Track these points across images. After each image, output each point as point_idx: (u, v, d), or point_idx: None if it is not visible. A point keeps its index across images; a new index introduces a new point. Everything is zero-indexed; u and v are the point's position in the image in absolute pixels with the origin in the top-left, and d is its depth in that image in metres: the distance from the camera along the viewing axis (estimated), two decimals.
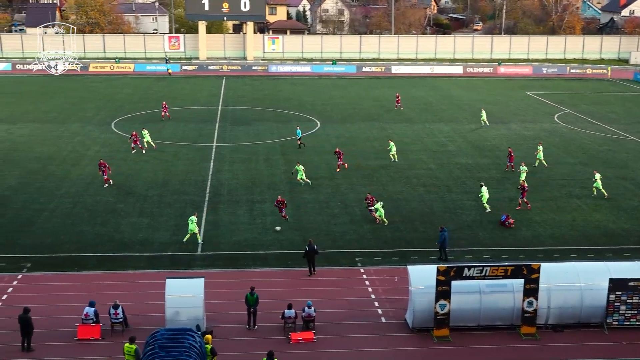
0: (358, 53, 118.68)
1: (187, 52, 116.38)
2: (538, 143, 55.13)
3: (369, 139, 61.10)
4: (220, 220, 40.51)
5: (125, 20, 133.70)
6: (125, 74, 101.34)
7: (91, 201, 43.41)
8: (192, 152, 55.71)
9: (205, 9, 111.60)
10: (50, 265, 34.19)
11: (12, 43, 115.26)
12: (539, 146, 53.58)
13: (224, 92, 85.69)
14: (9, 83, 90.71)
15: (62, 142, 58.32)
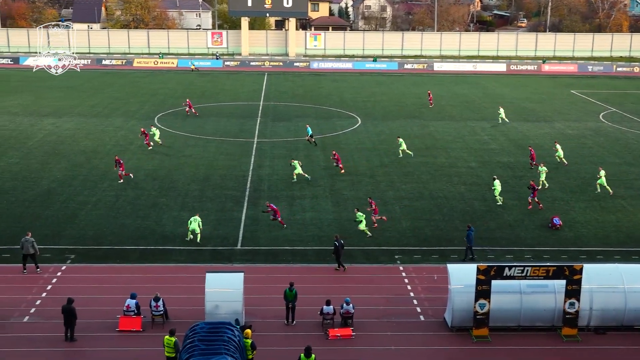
0: (400, 50, 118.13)
1: (230, 48, 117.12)
2: (555, 142, 54.69)
3: (409, 136, 60.77)
4: (260, 216, 40.69)
5: (170, 16, 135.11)
6: (168, 69, 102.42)
7: (133, 194, 43.99)
8: (233, 148, 56.07)
9: (248, 5, 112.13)
10: (94, 257, 34.74)
11: (58, 37, 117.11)
12: (557, 145, 53.16)
13: (265, 88, 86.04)
14: (55, 77, 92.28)
15: (106, 136, 59.20)
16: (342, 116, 69.15)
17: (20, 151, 53.57)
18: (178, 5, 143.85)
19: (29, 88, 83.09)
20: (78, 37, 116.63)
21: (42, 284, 31.57)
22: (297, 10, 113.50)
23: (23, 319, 28.68)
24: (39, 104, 72.58)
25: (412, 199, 44.17)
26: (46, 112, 68.53)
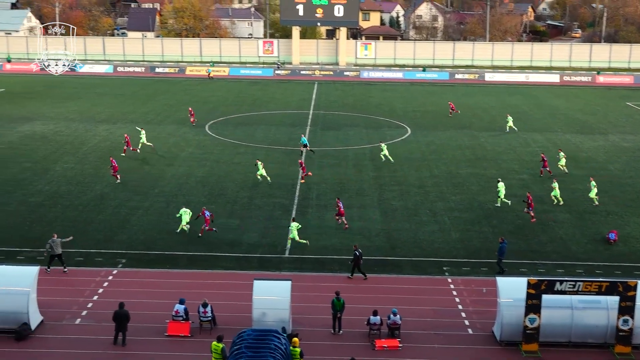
0: (451, 60, 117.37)
1: (281, 57, 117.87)
2: (558, 150, 54.74)
3: (460, 147, 60.29)
4: (308, 224, 40.79)
5: (222, 25, 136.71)
6: (220, 78, 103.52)
7: (184, 201, 44.49)
8: (283, 156, 56.37)
9: (300, 15, 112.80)
10: (144, 262, 35.25)
11: (114, 46, 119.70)
12: (560, 153, 53.24)
13: (315, 97, 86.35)
14: (110, 85, 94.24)
15: (159, 142, 60.05)
16: (391, 126, 68.98)
17: (75, 156, 54.73)
18: (230, 14, 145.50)
19: (85, 95, 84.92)
20: (133, 45, 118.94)
21: (94, 287, 32.16)
22: (349, 20, 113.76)
23: (75, 321, 29.24)
24: (94, 111, 74.09)
25: (461, 210, 43.77)
26: (101, 118, 69.93)
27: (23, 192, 45.91)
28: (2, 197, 44.63)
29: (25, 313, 27.90)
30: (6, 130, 63.62)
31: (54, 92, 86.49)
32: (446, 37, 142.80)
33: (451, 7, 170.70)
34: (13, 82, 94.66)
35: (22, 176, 49.31)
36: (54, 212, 42.08)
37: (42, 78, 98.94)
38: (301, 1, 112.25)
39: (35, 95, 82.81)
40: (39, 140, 60.06)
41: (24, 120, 67.84)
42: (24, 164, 52.26)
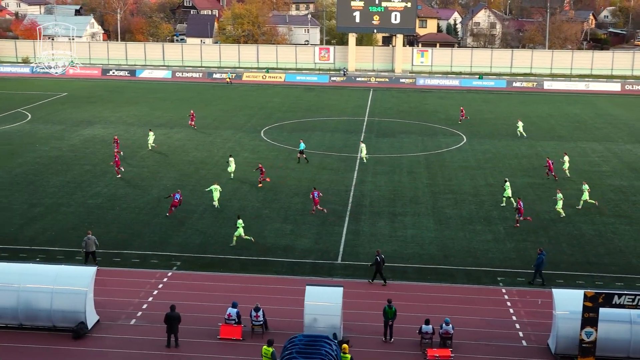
0: (509, 67, 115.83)
1: (337, 64, 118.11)
2: (564, 153, 54.79)
3: (516, 155, 59.41)
4: (361, 231, 40.73)
5: (279, 31, 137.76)
6: (276, 84, 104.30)
7: (238, 205, 44.92)
8: (337, 162, 56.41)
9: (356, 22, 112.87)
10: (198, 265, 35.67)
11: (173, 52, 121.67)
12: (565, 157, 53.49)
13: (370, 104, 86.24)
14: (169, 90, 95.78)
15: (215, 147, 60.78)
16: (446, 134, 68.39)
17: (134, 160, 55.76)
18: (287, 21, 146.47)
19: (143, 99, 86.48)
20: (191, 50, 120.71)
21: (149, 289, 32.67)
22: (405, 27, 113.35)
23: (130, 321, 29.75)
24: (153, 115, 75.38)
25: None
26: (159, 122, 71.09)
27: (83, 193, 46.98)
28: (63, 199, 45.75)
29: (82, 312, 28.52)
30: (69, 133, 65.22)
31: (114, 96, 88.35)
32: (504, 44, 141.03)
33: (510, 14, 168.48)
34: (76, 86, 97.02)
35: (82, 178, 50.48)
36: (111, 214, 42.93)
37: (104, 83, 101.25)
38: (358, 8, 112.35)
39: (96, 100, 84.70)
40: (99, 143, 61.39)
41: (86, 123, 69.44)
42: (84, 167, 53.49)
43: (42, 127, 66.95)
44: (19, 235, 39.29)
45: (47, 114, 75.06)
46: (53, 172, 51.99)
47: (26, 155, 56.76)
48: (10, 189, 47.37)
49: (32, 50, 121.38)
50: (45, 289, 28.63)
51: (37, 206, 44.15)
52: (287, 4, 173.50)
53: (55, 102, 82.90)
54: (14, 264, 30.61)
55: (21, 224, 41.02)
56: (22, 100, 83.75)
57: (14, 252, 36.54)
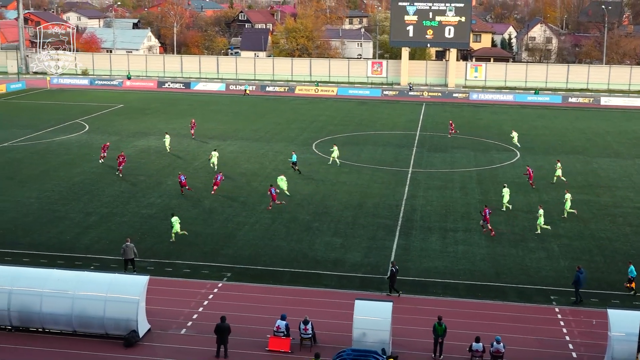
0: (565, 83, 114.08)
1: (389, 78, 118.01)
2: (556, 161, 56.46)
3: (571, 172, 58.35)
4: (411, 246, 40.49)
5: (332, 45, 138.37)
6: (328, 97, 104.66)
7: (288, 218, 45.11)
8: (388, 176, 56.24)
9: (409, 36, 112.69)
10: (249, 276, 35.90)
11: (227, 65, 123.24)
12: (558, 163, 55.26)
13: (422, 118, 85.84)
14: (223, 102, 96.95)
15: (266, 159, 61.22)
16: (500, 149, 67.60)
17: (187, 171, 56.45)
18: (341, 35, 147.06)
19: (197, 112, 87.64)
20: (245, 64, 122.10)
21: (199, 299, 33.00)
22: (459, 41, 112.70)
23: (180, 331, 30.08)
24: (206, 127, 76.32)
25: (571, 238, 42.29)
26: (212, 135, 71.95)
27: (137, 204, 47.80)
28: (118, 208, 46.62)
29: (134, 321, 28.95)
30: (124, 144, 66.48)
31: (169, 108, 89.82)
32: (560, 59, 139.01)
33: (566, 29, 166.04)
34: (132, 98, 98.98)
35: (136, 188, 51.37)
36: (164, 224, 43.53)
37: (159, 95, 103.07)
38: (411, 22, 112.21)
39: (151, 112, 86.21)
40: (153, 154, 62.41)
41: (141, 135, 70.72)
42: (139, 177, 54.43)
43: (99, 137, 68.39)
44: (75, 243, 40.16)
45: (103, 124, 76.70)
46: (108, 182, 53.04)
47: (83, 165, 58.05)
48: (68, 198, 48.48)
49: (91, 63, 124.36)
50: (99, 297, 29.16)
51: (93, 215, 45.07)
52: (340, 19, 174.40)
53: (111, 114, 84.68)
54: (70, 272, 31.26)
55: (77, 232, 41.92)
56: (80, 111, 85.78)
57: (70, 260, 37.35)
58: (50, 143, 66.68)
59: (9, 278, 29.97)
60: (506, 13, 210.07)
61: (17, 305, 29.38)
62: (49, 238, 40.89)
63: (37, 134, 70.76)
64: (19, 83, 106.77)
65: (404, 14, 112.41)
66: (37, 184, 52.02)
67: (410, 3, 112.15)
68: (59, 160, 59.54)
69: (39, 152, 62.60)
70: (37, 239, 40.75)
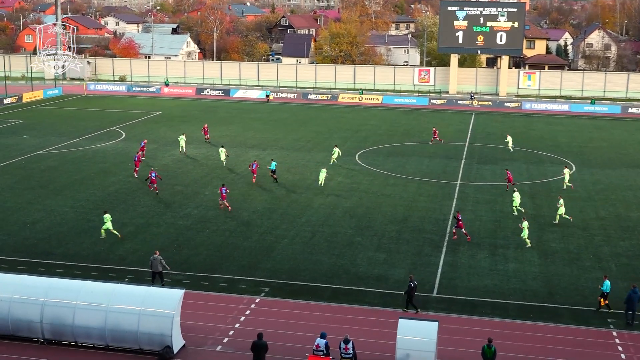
0: (624, 92, 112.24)
1: (437, 86, 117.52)
2: (564, 167, 58.92)
3: (631, 187, 57.25)
4: (458, 263, 40.07)
5: (377, 51, 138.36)
6: (372, 106, 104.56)
7: (330, 232, 45.05)
8: (435, 189, 55.85)
9: (459, 42, 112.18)
10: (287, 292, 35.88)
11: (268, 72, 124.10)
12: (565, 169, 57.39)
13: (472, 129, 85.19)
14: (263, 110, 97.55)
15: (307, 170, 61.32)
16: (554, 162, 66.67)
17: (225, 181, 56.77)
18: (387, 41, 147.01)
19: (236, 120, 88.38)
20: (287, 70, 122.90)
21: (236, 315, 33.08)
22: (511, 48, 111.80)
23: (216, 348, 30.16)
24: (245, 136, 76.86)
25: (631, 257, 41.41)
26: (251, 144, 72.39)
27: (173, 214, 48.24)
28: (153, 219, 47.11)
29: (168, 336, 29.11)
30: (162, 152, 67.26)
31: (208, 116, 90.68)
32: (619, 67, 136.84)
33: (626, 35, 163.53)
34: (170, 105, 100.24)
35: (173, 199, 51.86)
36: (201, 236, 43.85)
37: (198, 102, 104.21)
38: (461, 28, 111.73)
39: (190, 119, 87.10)
40: (190, 163, 63.00)
41: (178, 143, 71.35)
42: (175, 187, 54.95)
43: (136, 146, 69.25)
44: (109, 254, 40.65)
45: (140, 132, 77.74)
46: (145, 192, 53.63)
47: (119, 173, 58.84)
48: (103, 207, 49.08)
49: (128, 69, 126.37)
50: (133, 310, 29.41)
51: (128, 225, 45.60)
52: (386, 24, 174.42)
53: (149, 121, 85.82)
54: (103, 284, 31.61)
55: (112, 242, 42.43)
56: (117, 118, 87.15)
57: (104, 272, 37.80)
58: (86, 151, 67.81)
59: (42, 289, 30.43)
60: (562, 18, 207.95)
61: (50, 317, 29.80)
62: (83, 248, 41.48)
63: (73, 142, 72.04)
64: (56, 89, 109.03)
65: (453, 19, 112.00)
66: (72, 193, 52.88)
67: (460, 8, 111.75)
68: (94, 168, 60.48)
69: (74, 160, 63.67)
70: (71, 249, 41.37)
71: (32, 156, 65.08)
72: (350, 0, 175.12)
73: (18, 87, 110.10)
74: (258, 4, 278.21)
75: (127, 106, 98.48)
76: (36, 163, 62.39)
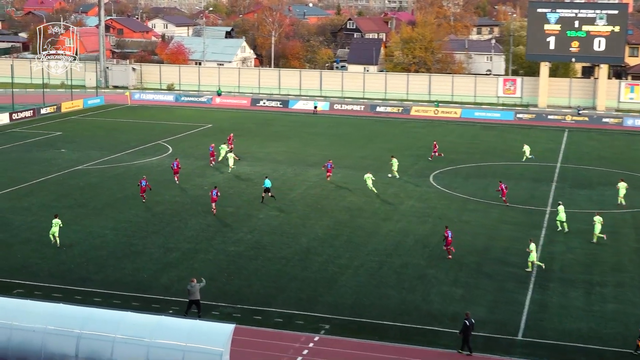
0: None
1: (524, 98, 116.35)
2: (620, 180, 60.38)
3: None
4: (548, 302, 39.40)
5: (456, 59, 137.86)
6: (449, 120, 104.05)
7: (399, 262, 44.82)
8: (521, 216, 55.15)
9: (550, 48, 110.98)
10: (350, 330, 35.76)
11: (331, 80, 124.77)
12: (620, 183, 59.26)
13: (564, 147, 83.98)
14: (324, 123, 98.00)
15: (375, 192, 61.17)
16: None
17: (282, 203, 57.19)
18: (467, 47, 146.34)
19: (294, 134, 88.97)
20: (353, 79, 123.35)
21: (292, 355, 33.10)
22: (611, 56, 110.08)
23: None
24: (305, 152, 77.26)
25: None
26: (311, 161, 72.66)
27: (223, 239, 48.70)
28: (202, 244, 47.63)
29: None
30: (212, 170, 68.08)
31: (263, 129, 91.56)
32: None
33: None
34: (222, 117, 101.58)
35: (223, 222, 52.38)
36: (254, 264, 44.12)
37: (253, 114, 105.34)
38: (553, 32, 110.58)
39: (243, 133, 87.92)
40: (243, 182, 63.59)
41: (221, 154, 72.09)
42: (226, 209, 55.50)
43: (184, 162, 70.18)
44: (152, 282, 41.24)
45: (189, 147, 78.92)
46: (192, 213, 54.33)
47: (165, 193, 59.75)
48: (147, 230, 49.91)
49: (177, 76, 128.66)
50: (178, 346, 29.64)
51: (174, 251, 46.21)
52: (466, 27, 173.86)
53: (198, 135, 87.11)
54: (146, 315, 32.01)
55: (156, 269, 43.05)
56: (163, 131, 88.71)
57: (147, 302, 38.32)
58: (129, 167, 69.13)
59: (78, 320, 30.96)
60: None
61: (86, 352, 30.25)
62: (124, 275, 42.16)
63: (115, 156, 73.56)
64: (97, 98, 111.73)
65: (543, 23, 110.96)
66: (113, 213, 53.90)
67: (552, 10, 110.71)
68: (138, 186, 61.49)
69: (116, 176, 64.94)
70: (111, 275, 42.09)
71: (71, 172, 66.68)
72: (425, 1, 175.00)
73: (57, 96, 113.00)
74: (322, 5, 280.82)
75: (175, 118, 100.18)
76: (75, 179, 63.86)
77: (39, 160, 70.84)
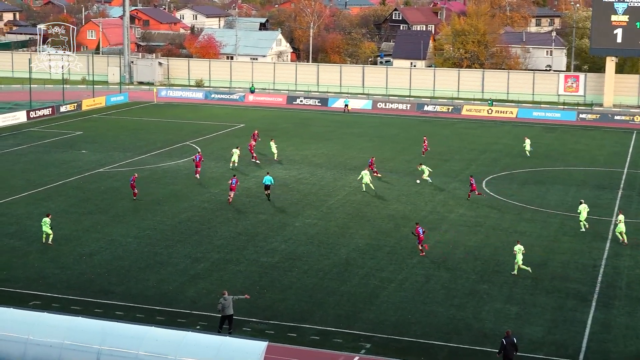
0: None
1: (588, 97, 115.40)
2: None
3: None
4: (613, 322, 39.02)
5: (512, 53, 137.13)
6: (504, 120, 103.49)
7: (448, 276, 44.68)
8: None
9: (617, 42, 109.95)
10: (393, 349, 35.71)
11: (375, 76, 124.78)
12: None
13: (632, 151, 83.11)
14: (367, 124, 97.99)
15: (421, 199, 61.11)
16: None
17: (319, 210, 57.30)
18: (524, 40, 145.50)
19: (335, 135, 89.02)
20: (398, 75, 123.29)
21: None
22: None
23: None
24: (345, 155, 77.30)
25: None
26: (353, 165, 72.65)
27: (256, 249, 48.90)
28: (232, 254, 47.87)
29: None
30: (243, 174, 68.37)
31: (300, 130, 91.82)
32: None
33: None
34: (255, 116, 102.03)
35: (256, 230, 52.59)
36: (289, 276, 44.24)
37: (289, 113, 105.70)
38: (620, 24, 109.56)
39: (279, 134, 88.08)
40: (278, 188, 63.70)
41: (265, 163, 72.39)
42: (259, 216, 55.74)
43: (213, 165, 70.75)
44: (178, 295, 41.51)
45: (219, 148, 79.36)
46: (222, 220, 54.64)
47: (192, 198, 60.16)
48: (172, 239, 50.26)
49: (207, 72, 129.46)
50: None
51: (201, 261, 46.50)
52: (524, 19, 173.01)
53: (229, 135, 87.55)
54: (171, 331, 32.22)
55: (182, 281, 43.35)
56: (191, 131, 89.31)
57: (172, 316, 38.59)
58: (155, 170, 69.70)
59: (98, 335, 31.28)
60: None
61: None
62: (148, 287, 42.51)
63: (139, 158, 74.22)
64: (121, 95, 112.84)
65: (610, 13, 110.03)
66: (137, 220, 54.38)
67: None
68: (163, 191, 62.04)
69: (140, 180, 65.34)
70: (134, 287, 42.47)
71: (92, 174, 67.42)
72: None
73: (77, 93, 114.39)
74: None
75: (204, 117, 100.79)
76: (95, 183, 64.54)
77: (58, 162, 71.67)
